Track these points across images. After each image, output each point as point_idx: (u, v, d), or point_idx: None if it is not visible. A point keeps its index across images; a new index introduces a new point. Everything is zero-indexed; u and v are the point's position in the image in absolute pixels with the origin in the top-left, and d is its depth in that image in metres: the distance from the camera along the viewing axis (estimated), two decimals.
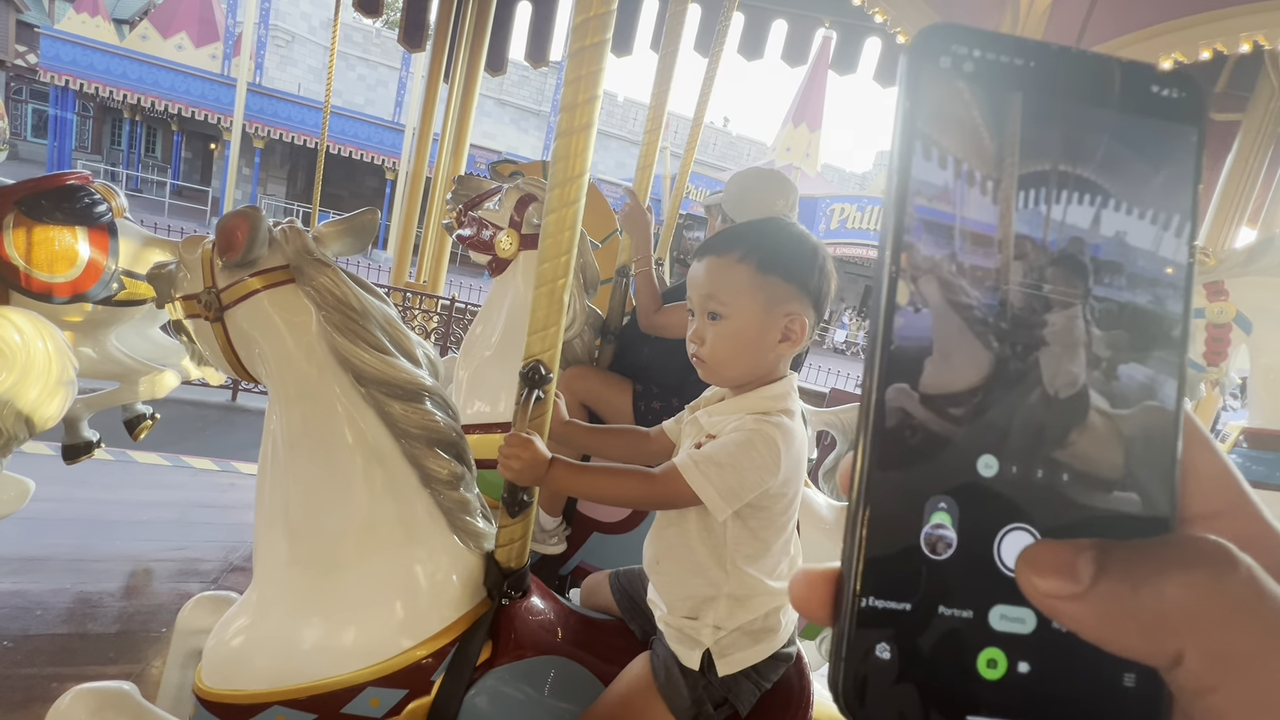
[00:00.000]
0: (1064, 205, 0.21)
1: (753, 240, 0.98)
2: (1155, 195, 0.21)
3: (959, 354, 0.20)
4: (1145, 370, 0.21)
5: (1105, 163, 0.21)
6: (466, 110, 5.21)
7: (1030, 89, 0.21)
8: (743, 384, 1.00)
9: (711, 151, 25.06)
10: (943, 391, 0.20)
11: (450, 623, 1.05)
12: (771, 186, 2.03)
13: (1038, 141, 0.21)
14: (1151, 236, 0.21)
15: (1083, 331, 0.21)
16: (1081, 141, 0.21)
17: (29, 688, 1.73)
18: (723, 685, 1.00)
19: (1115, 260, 0.21)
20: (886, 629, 0.20)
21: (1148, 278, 0.21)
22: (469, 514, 1.10)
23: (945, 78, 0.20)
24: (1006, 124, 0.21)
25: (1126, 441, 0.21)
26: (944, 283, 0.20)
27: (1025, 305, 0.20)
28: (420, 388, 1.04)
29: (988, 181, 0.21)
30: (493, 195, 1.96)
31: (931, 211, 0.20)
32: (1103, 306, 0.21)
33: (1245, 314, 2.26)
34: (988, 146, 0.21)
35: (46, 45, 14.09)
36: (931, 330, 0.20)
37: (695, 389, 1.14)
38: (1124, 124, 0.21)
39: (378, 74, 22.28)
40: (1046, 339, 0.20)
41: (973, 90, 0.20)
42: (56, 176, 2.18)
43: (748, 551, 0.98)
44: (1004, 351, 0.20)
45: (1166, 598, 0.18)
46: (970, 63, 0.21)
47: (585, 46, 0.99)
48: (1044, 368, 0.20)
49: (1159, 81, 0.21)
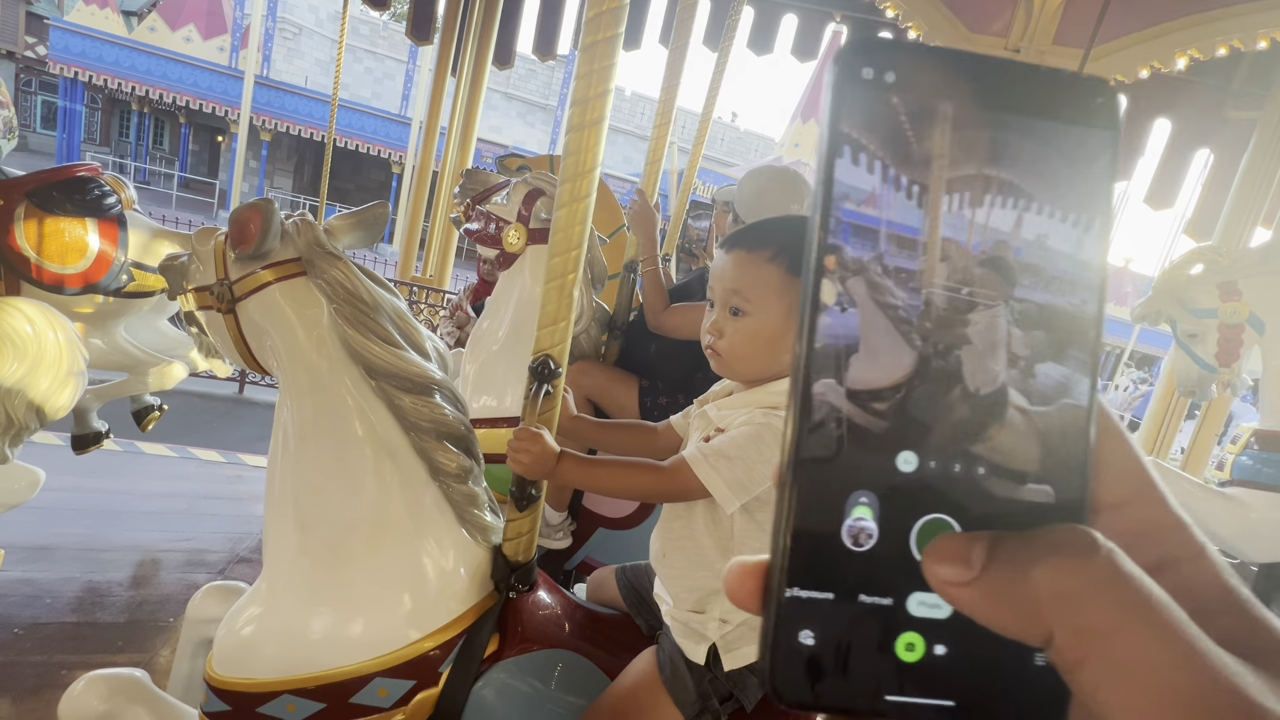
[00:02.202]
0: (987, 210, 0.22)
1: (785, 240, 0.97)
2: (1075, 199, 0.22)
3: (883, 352, 0.21)
4: (1062, 369, 0.22)
5: (1026, 168, 0.22)
6: (474, 104, 5.20)
7: (952, 97, 0.22)
8: (755, 380, 1.00)
9: (719, 147, 24.97)
10: (866, 388, 0.21)
11: (458, 615, 1.06)
12: (787, 188, 2.00)
13: (960, 148, 0.21)
14: (1071, 239, 0.22)
15: (1004, 332, 0.21)
16: (1003, 147, 0.21)
17: (39, 675, 1.75)
18: (728, 680, 1.00)
19: (1036, 263, 0.22)
20: (810, 617, 0.21)
21: (1067, 280, 0.22)
22: (477, 507, 1.10)
23: (868, 88, 0.21)
24: (929, 131, 0.21)
25: (1043, 436, 0.22)
26: (870, 284, 0.21)
27: (948, 306, 0.21)
28: (430, 381, 1.04)
29: (913, 187, 0.21)
30: (500, 189, 1.95)
31: (857, 215, 0.21)
32: (1023, 308, 0.21)
33: (1258, 315, 2.24)
34: (911, 153, 0.21)
35: (56, 37, 14.14)
36: (857, 329, 0.21)
37: (701, 385, 1.14)
38: (1043, 130, 0.22)
39: (385, 67, 22.27)
40: (969, 338, 0.21)
41: (895, 99, 0.21)
42: (67, 168, 2.20)
43: (755, 545, 0.98)
44: (926, 350, 0.21)
45: (1036, 581, 0.20)
46: (893, 73, 0.21)
47: (597, 41, 0.99)
48: (965, 366, 0.21)
49: (1077, 87, 0.22)
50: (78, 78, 14.41)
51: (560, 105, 20.50)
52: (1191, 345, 2.38)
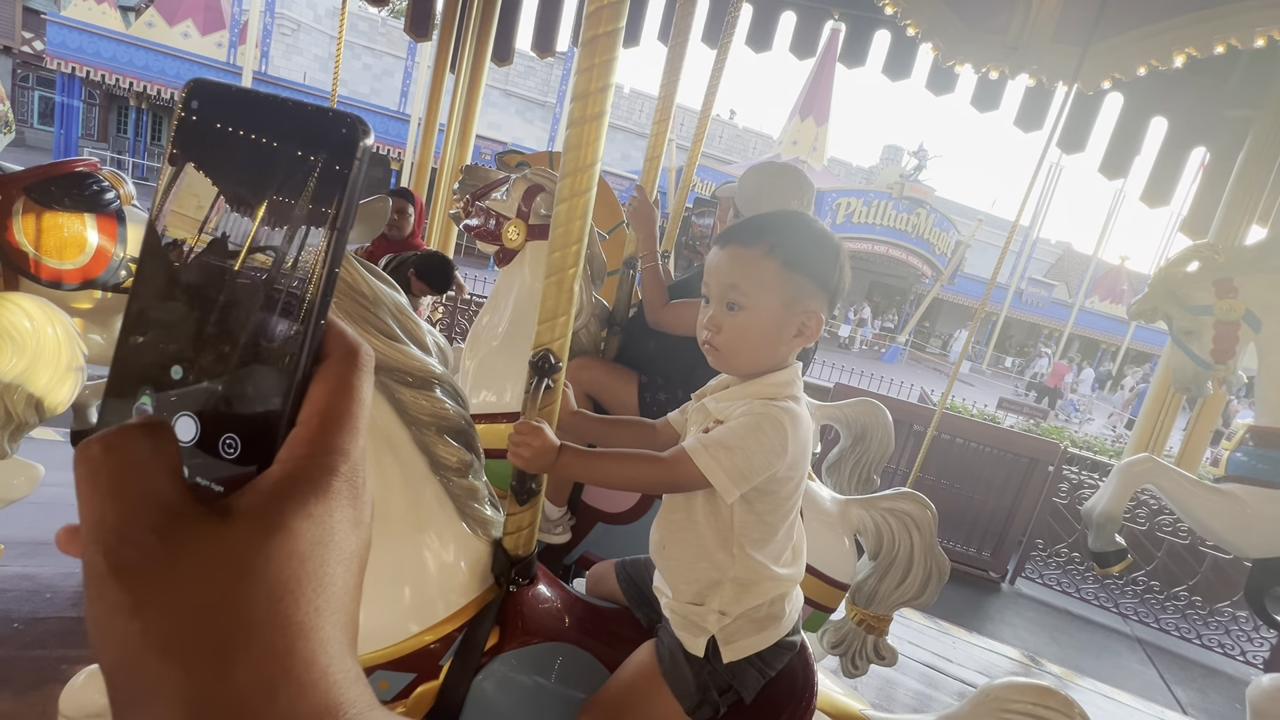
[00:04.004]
0: (246, 211, 0.29)
1: (780, 234, 0.98)
2: (312, 204, 0.29)
3: (175, 302, 0.30)
4: (281, 327, 0.30)
5: (280, 180, 0.29)
6: (472, 100, 5.19)
7: (231, 125, 0.30)
8: (752, 373, 1.00)
9: (718, 144, 24.93)
10: (159, 324, 0.30)
11: (458, 608, 1.06)
12: (788, 184, 2.00)
13: (231, 164, 0.30)
14: (307, 235, 0.29)
15: (248, 298, 0.30)
16: (264, 164, 0.29)
17: (40, 669, 1.75)
18: (727, 672, 1.01)
19: (277, 249, 0.29)
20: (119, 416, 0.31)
21: (298, 263, 0.29)
22: (477, 501, 1.10)
23: (191, 119, 0.30)
24: (213, 153, 0.30)
25: (261, 369, 0.30)
26: (177, 257, 0.30)
27: (216, 277, 0.30)
28: (431, 375, 1.04)
29: (207, 191, 0.30)
30: (500, 185, 1.95)
31: (183, 206, 0.30)
32: (267, 286, 0.29)
33: (1254, 312, 2.24)
34: (205, 171, 0.30)
35: (53, 32, 14.07)
36: (163, 288, 0.30)
37: (700, 381, 1.15)
38: (293, 151, 0.29)
39: (383, 63, 22.20)
40: (229, 299, 0.30)
41: (203, 124, 0.30)
42: (65, 164, 2.19)
43: (754, 536, 0.99)
44: (199, 303, 0.30)
45: None
46: (199, 108, 0.30)
47: (598, 35, 0.99)
48: (224, 319, 0.30)
49: (326, 118, 0.29)
50: (75, 73, 14.35)
51: (559, 102, 20.45)
52: (1188, 342, 2.39)
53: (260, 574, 0.25)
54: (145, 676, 0.23)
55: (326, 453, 0.29)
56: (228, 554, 0.25)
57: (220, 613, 0.24)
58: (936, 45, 3.75)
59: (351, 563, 0.28)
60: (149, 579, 0.24)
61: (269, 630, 0.24)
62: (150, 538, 0.24)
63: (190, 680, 0.23)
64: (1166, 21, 3.20)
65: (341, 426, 0.30)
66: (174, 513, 0.25)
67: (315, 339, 0.30)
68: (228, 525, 0.26)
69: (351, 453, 0.30)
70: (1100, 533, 2.38)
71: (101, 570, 0.24)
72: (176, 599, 0.24)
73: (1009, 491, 4.65)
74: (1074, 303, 21.65)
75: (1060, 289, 24.23)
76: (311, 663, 0.25)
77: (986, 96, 4.34)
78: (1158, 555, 4.34)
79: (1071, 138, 4.34)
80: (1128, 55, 3.38)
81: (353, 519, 0.29)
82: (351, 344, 0.32)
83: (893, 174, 19.36)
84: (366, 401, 0.31)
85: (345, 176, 0.29)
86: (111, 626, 0.24)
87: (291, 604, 0.25)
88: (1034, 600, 4.48)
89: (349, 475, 0.29)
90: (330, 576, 0.27)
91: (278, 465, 0.28)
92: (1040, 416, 10.92)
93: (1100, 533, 2.38)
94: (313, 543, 0.27)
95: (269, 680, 0.24)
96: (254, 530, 0.26)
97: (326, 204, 0.29)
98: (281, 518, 0.26)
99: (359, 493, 0.29)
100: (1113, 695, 3.38)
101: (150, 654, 0.23)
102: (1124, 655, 4.01)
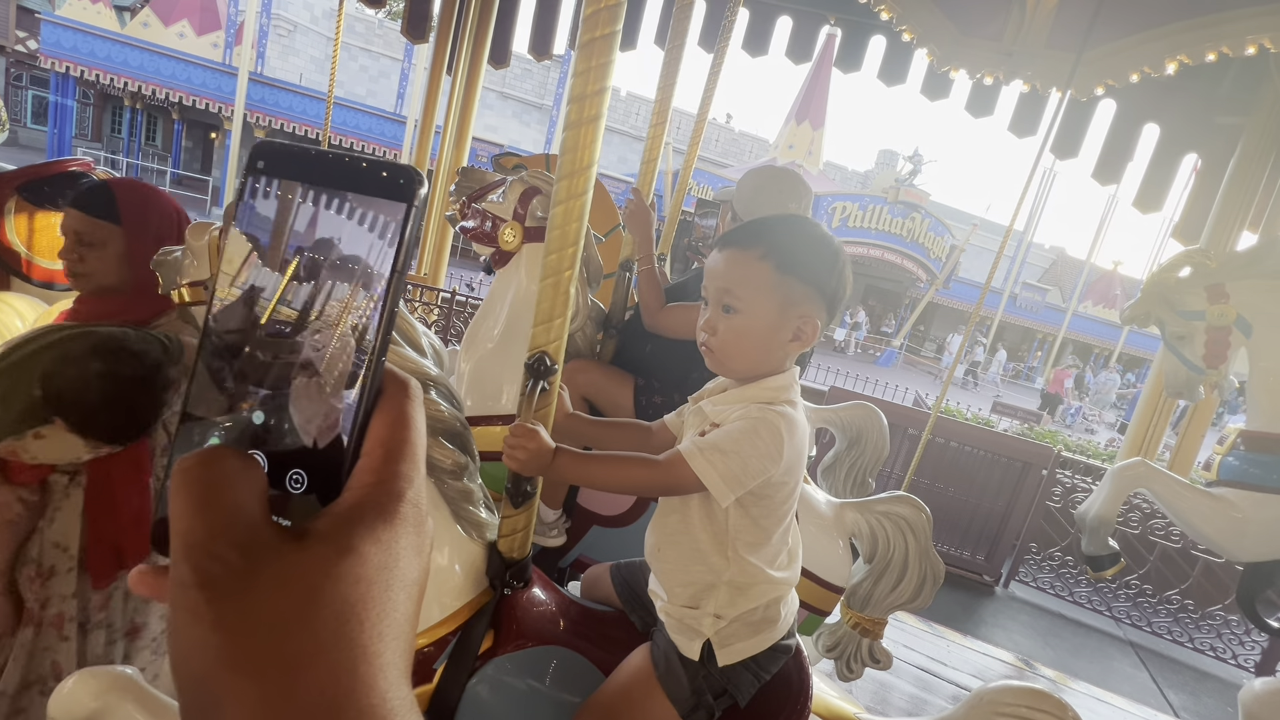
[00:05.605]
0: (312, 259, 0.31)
1: (775, 238, 0.98)
2: (374, 250, 0.31)
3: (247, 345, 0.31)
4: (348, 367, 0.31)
5: (344, 230, 0.31)
6: (469, 103, 5.19)
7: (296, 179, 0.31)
8: (748, 377, 1.00)
9: (714, 148, 25.00)
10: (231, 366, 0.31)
11: (452, 611, 1.06)
12: (785, 188, 2.00)
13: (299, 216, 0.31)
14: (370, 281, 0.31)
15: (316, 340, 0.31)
16: (329, 214, 0.31)
17: None
18: (722, 675, 1.01)
19: (343, 294, 0.31)
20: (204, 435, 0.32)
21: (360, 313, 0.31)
22: (472, 504, 1.10)
23: (257, 175, 0.32)
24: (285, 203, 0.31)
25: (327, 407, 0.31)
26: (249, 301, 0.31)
27: (285, 322, 0.31)
28: (426, 377, 1.04)
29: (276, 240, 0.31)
30: (496, 188, 1.95)
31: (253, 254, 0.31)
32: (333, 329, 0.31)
33: (1245, 317, 2.26)
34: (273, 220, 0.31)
35: (47, 31, 14.00)
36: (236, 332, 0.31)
37: (696, 384, 1.15)
38: (358, 201, 0.31)
39: (380, 65, 22.19)
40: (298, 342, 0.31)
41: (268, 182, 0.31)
42: (58, 163, 2.18)
43: (749, 539, 0.99)
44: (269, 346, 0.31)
45: None
46: (264, 166, 0.32)
47: (595, 38, 0.99)
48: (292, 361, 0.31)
49: (385, 170, 0.31)
50: (69, 73, 14.27)
51: (555, 105, 20.47)
52: (1180, 347, 2.40)
53: (330, 596, 0.26)
54: (217, 688, 0.24)
55: (394, 479, 0.30)
56: (302, 574, 0.26)
57: (292, 631, 0.25)
58: (932, 51, 3.78)
59: (413, 590, 0.29)
60: (230, 593, 0.25)
61: (335, 651, 0.25)
62: (234, 554, 0.25)
63: (260, 695, 0.23)
64: (1159, 29, 3.23)
65: (404, 456, 0.31)
66: (256, 531, 0.27)
67: (379, 377, 0.31)
68: (302, 547, 0.27)
69: (416, 480, 0.31)
70: (1094, 536, 2.39)
71: (188, 582, 0.25)
72: (254, 615, 0.24)
73: (1003, 495, 4.67)
74: (1068, 307, 21.77)
75: (1054, 294, 24.35)
76: (372, 687, 0.25)
77: (981, 102, 4.37)
78: (1150, 559, 4.36)
79: (1065, 143, 4.38)
80: (1121, 62, 3.41)
81: (416, 546, 0.29)
82: (401, 378, 0.33)
83: (888, 178, 19.43)
84: (422, 431, 0.32)
85: (404, 223, 0.31)
86: (192, 637, 0.24)
87: (356, 626, 0.26)
88: (1028, 604, 4.49)
89: (414, 501, 0.30)
90: (394, 602, 0.27)
91: (348, 493, 0.29)
92: (1034, 420, 10.96)
93: (1094, 536, 2.39)
94: (379, 567, 0.27)
95: (332, 701, 0.24)
96: (325, 552, 0.27)
97: (387, 250, 0.31)
98: (351, 540, 0.27)
99: (423, 520, 0.30)
100: (1105, 698, 3.39)
101: (224, 667, 0.24)
102: (1117, 658, 4.03)
